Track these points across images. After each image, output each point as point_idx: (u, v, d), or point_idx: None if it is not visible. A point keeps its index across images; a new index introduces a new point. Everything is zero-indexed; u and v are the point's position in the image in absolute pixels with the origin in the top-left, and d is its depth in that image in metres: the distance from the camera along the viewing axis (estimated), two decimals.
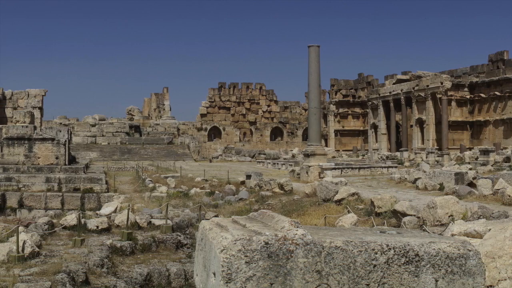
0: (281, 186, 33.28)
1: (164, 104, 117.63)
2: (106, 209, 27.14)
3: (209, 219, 7.97)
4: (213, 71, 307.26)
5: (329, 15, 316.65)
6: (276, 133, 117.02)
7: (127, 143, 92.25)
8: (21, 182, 37.83)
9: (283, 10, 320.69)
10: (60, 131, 42.90)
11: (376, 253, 6.78)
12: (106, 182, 39.47)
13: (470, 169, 40.07)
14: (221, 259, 6.42)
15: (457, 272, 6.92)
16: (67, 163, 41.12)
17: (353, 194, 25.64)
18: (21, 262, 16.98)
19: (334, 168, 46.39)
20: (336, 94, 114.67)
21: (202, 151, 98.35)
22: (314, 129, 46.35)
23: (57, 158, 40.75)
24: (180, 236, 21.63)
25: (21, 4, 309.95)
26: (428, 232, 11.46)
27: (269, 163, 68.26)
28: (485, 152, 56.16)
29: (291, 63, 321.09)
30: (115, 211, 26.19)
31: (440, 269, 6.90)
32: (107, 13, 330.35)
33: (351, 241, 6.80)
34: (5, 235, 20.92)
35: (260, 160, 77.54)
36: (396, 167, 52.73)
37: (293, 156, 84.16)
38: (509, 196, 23.25)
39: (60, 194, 36.56)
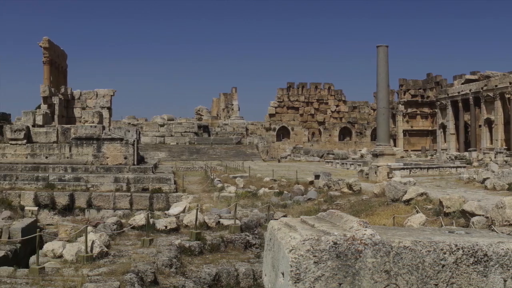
0: (349, 186, 33.08)
1: (232, 104, 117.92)
2: (175, 209, 27.26)
3: (277, 219, 7.95)
4: (281, 71, 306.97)
5: (398, 15, 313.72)
6: (344, 133, 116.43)
7: (195, 143, 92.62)
8: (89, 182, 38.21)
9: (352, 10, 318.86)
10: (129, 131, 43.24)
11: (444, 253, 6.72)
12: (175, 182, 39.63)
13: None
14: (290, 259, 6.40)
15: None
16: (135, 163, 41.43)
17: (421, 194, 25.34)
18: (90, 262, 17.11)
19: (403, 168, 45.98)
20: (404, 94, 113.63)
21: (270, 151, 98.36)
22: (382, 129, 46.06)
23: (125, 158, 41.09)
24: (248, 236, 21.64)
25: (90, 5, 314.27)
26: (497, 232, 11.29)
27: (338, 163, 68.04)
28: None
29: (360, 63, 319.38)
30: (183, 211, 26.29)
31: (509, 269, 6.81)
32: (176, 13, 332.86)
33: (420, 241, 6.74)
34: (73, 235, 21.16)
35: (328, 160, 77.22)
36: (464, 167, 52.04)
37: (362, 156, 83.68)
38: None
39: (129, 194, 36.84)
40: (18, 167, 40.56)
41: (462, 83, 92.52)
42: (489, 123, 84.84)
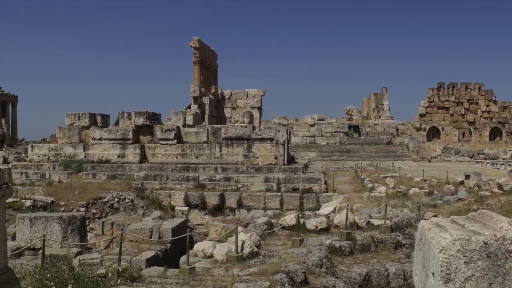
0: (500, 186, 32.16)
1: (383, 104, 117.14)
2: (325, 209, 27.13)
3: (427, 219, 7.78)
4: (432, 71, 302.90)
5: None
6: (494, 133, 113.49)
7: (345, 143, 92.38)
8: (240, 182, 38.53)
9: (505, 10, 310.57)
10: (279, 131, 43.38)
11: None
12: (325, 182, 39.50)
13: None
14: (440, 259, 6.24)
15: None
16: (285, 163, 41.51)
17: None
18: (240, 262, 17.16)
19: None
20: None
21: (420, 151, 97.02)
22: None
23: (276, 158, 41.23)
24: (399, 236, 21.30)
25: (241, 5, 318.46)
26: None
27: (488, 163, 66.80)
28: None
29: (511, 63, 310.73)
30: (333, 211, 26.13)
31: None
32: (328, 13, 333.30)
33: None
34: (224, 235, 21.32)
35: (479, 160, 75.80)
36: None
37: None
38: None
39: (279, 194, 36.95)
40: (168, 167, 41.35)
41: None
42: None
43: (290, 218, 23.32)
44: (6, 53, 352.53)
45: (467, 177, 37.37)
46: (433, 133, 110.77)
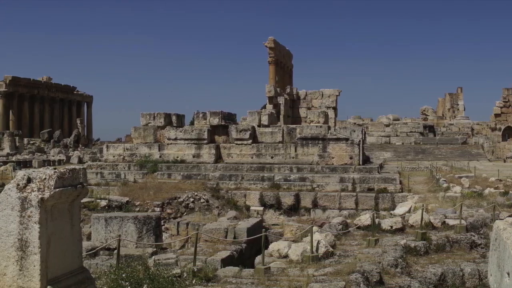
0: None
1: (458, 104, 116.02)
2: (400, 209, 26.99)
3: (503, 219, 7.75)
4: (507, 71, 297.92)
5: None
6: None
7: (421, 143, 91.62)
8: (315, 182, 38.49)
9: None
10: (354, 131, 43.19)
11: None
12: (400, 182, 39.25)
13: None
14: None
15: None
16: (361, 163, 41.35)
17: None
18: (315, 262, 17.21)
19: None
20: None
21: (495, 151, 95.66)
22: None
23: (351, 158, 41.09)
24: (474, 236, 21.10)
25: (315, 5, 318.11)
26: None
27: None
28: None
29: None
30: (409, 211, 25.97)
31: None
32: (401, 13, 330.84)
33: None
34: (299, 235, 21.39)
35: None
36: None
37: None
38: None
39: (354, 194, 36.84)
40: (243, 167, 41.49)
41: None
42: None
43: (365, 218, 23.29)
44: (81, 53, 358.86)
45: None
46: (508, 133, 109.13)
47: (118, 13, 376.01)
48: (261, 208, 35.74)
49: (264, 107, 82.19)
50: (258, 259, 18.71)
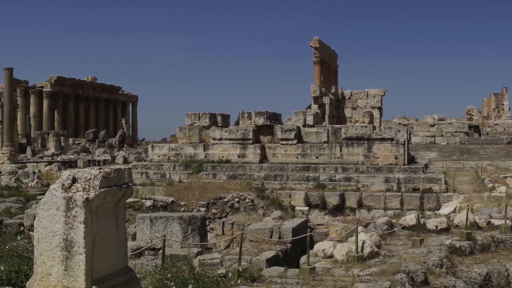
0: None
1: (503, 104, 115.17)
2: (445, 209, 26.95)
3: None
4: None
5: None
6: None
7: (466, 143, 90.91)
8: (360, 182, 38.44)
9: None
10: (399, 131, 43.03)
11: None
12: (445, 182, 39.04)
13: None
14: None
15: None
16: (406, 163, 41.19)
17: None
18: (360, 262, 17.29)
19: None
20: None
21: None
22: None
23: (396, 158, 40.95)
24: None
25: (360, 5, 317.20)
26: None
27: None
28: None
29: None
30: (454, 211, 25.93)
31: None
32: (446, 13, 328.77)
33: None
34: (344, 235, 21.49)
35: None
36: None
37: None
38: None
39: (399, 194, 36.74)
40: (288, 167, 41.50)
41: None
42: None
43: (410, 218, 23.32)
44: (127, 53, 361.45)
45: None
46: None
47: (164, 13, 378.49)
48: (306, 208, 35.74)
49: (309, 107, 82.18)
50: (303, 259, 18.84)
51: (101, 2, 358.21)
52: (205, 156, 44.53)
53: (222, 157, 43.91)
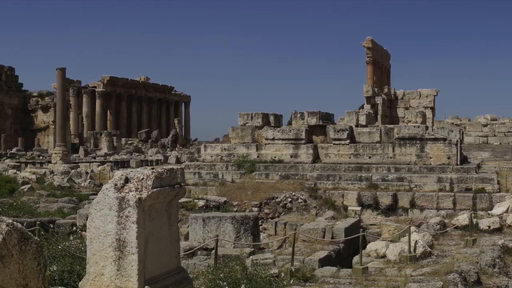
0: None
1: None
2: (498, 209, 26.91)
3: None
4: None
5: None
6: None
7: None
8: (412, 182, 38.37)
9: None
10: (452, 131, 42.86)
11: None
12: (498, 182, 38.82)
13: None
14: None
15: None
16: (458, 163, 41.03)
17: None
18: (413, 262, 17.42)
19: None
20: None
21: None
22: None
23: (448, 158, 40.80)
24: None
25: (413, 4, 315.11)
26: None
27: None
28: None
29: None
30: (506, 211, 25.89)
31: None
32: (498, 13, 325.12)
33: None
34: (397, 235, 21.61)
35: None
36: None
37: None
38: None
39: (452, 194, 36.63)
40: (341, 167, 41.50)
41: None
42: None
43: (462, 218, 23.38)
44: (179, 53, 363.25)
45: None
46: None
47: (216, 13, 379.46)
48: (359, 208, 35.76)
49: (362, 107, 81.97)
50: (355, 259, 18.99)
51: (154, 2, 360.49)
52: (258, 156, 44.65)
53: (275, 157, 43.99)
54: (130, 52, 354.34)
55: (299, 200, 36.27)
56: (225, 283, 13.88)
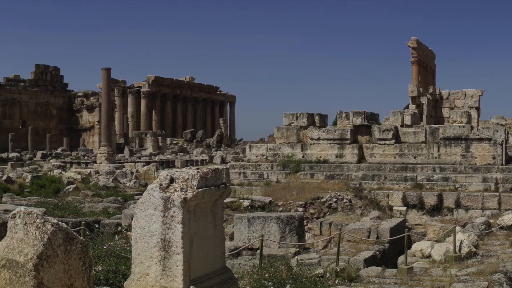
0: None
1: None
2: None
3: None
4: None
5: None
6: None
7: None
8: (457, 182, 38.27)
9: None
10: (497, 131, 42.63)
11: None
12: None
13: None
14: None
15: None
16: (503, 163, 40.84)
17: None
18: (458, 262, 17.46)
19: None
20: None
21: None
22: None
23: (493, 158, 40.61)
24: None
25: (458, 4, 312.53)
26: None
27: None
28: None
29: None
30: None
31: None
32: None
33: None
34: (442, 235, 21.63)
35: None
36: None
37: None
38: None
39: (497, 194, 36.48)
40: (386, 167, 41.45)
41: None
42: None
43: (508, 218, 23.38)
44: (225, 53, 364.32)
45: None
46: None
47: (261, 13, 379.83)
48: (404, 208, 35.72)
49: (407, 107, 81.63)
50: (400, 259, 19.07)
51: (201, 3, 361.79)
52: (303, 156, 44.68)
53: (320, 157, 44.01)
54: (176, 52, 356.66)
55: (344, 200, 36.34)
56: (270, 283, 13.97)
